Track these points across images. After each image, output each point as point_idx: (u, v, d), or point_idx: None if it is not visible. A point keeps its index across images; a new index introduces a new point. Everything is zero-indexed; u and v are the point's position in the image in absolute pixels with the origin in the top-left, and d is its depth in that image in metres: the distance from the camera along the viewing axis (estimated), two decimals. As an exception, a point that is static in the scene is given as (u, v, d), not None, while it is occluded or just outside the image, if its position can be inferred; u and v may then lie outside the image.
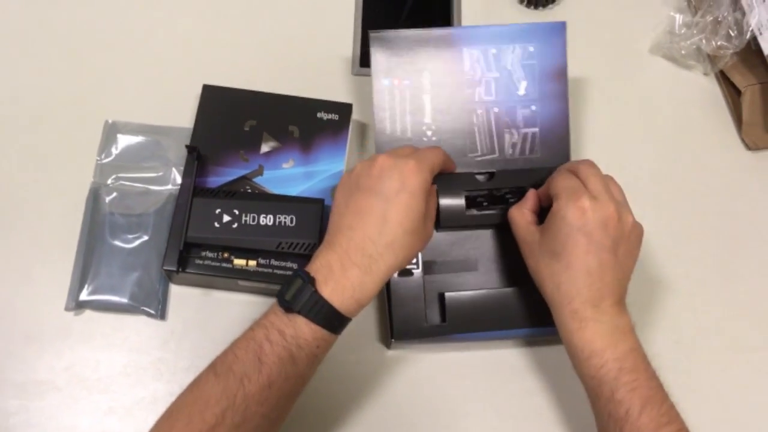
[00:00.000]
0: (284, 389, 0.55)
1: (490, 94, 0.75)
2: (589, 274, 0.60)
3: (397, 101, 0.74)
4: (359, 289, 0.56)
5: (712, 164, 0.86)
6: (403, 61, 0.73)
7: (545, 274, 0.62)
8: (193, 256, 0.71)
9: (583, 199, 0.61)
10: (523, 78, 0.75)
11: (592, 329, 0.59)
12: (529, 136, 0.76)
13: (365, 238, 0.57)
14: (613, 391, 0.57)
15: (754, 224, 0.83)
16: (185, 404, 0.54)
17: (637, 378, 0.58)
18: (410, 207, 0.58)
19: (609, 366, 0.58)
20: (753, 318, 0.78)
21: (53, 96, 0.82)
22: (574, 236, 0.60)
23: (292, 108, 0.78)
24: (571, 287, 0.60)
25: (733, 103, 0.88)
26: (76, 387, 0.70)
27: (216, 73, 0.81)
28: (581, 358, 0.59)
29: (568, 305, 0.60)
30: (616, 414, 0.57)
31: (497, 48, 0.75)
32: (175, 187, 0.76)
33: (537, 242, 0.63)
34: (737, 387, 0.75)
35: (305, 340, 0.55)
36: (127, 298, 0.72)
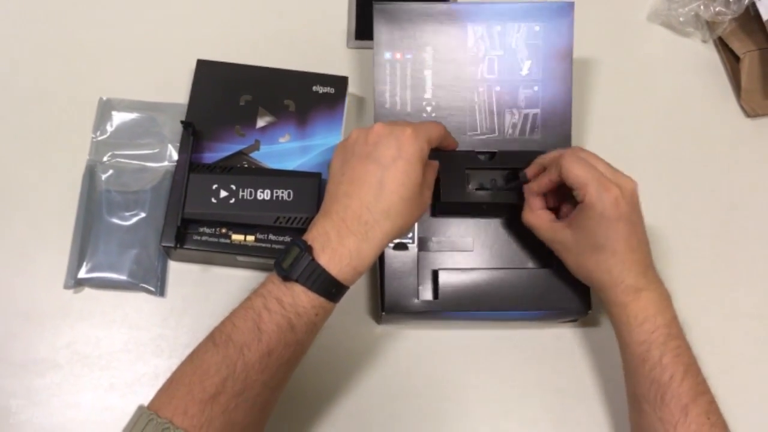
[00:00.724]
0: (284, 357, 0.55)
1: (492, 73, 0.74)
2: (634, 251, 0.62)
3: (398, 75, 0.73)
4: (356, 257, 0.56)
5: (711, 131, 0.85)
6: (407, 35, 0.72)
7: (591, 266, 0.63)
8: (190, 232, 0.71)
9: (612, 188, 0.61)
10: (527, 57, 0.74)
11: (646, 297, 0.61)
12: (530, 117, 0.75)
13: (361, 205, 0.57)
14: (662, 356, 0.59)
15: (753, 190, 0.83)
16: (185, 374, 0.54)
17: (680, 345, 0.61)
18: (407, 174, 0.58)
19: (660, 331, 0.60)
20: (753, 285, 0.78)
21: (46, 73, 0.82)
22: (615, 226, 0.61)
23: (288, 82, 0.77)
24: (621, 269, 0.62)
25: (731, 70, 0.87)
26: (77, 364, 0.70)
27: (210, 47, 0.80)
28: (634, 325, 0.61)
29: (621, 284, 0.62)
30: (660, 379, 0.59)
31: (502, 25, 0.74)
32: (172, 164, 0.76)
33: (572, 241, 0.64)
34: (736, 353, 0.75)
35: (303, 308, 0.55)
36: (125, 276, 0.72)
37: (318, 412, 0.70)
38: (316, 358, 0.68)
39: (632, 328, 0.61)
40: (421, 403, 0.71)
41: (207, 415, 0.52)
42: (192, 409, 0.52)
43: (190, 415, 0.51)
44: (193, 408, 0.52)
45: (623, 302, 0.62)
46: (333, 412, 0.70)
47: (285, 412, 0.66)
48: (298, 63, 0.78)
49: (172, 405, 0.52)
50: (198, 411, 0.52)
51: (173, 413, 0.51)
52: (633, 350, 0.61)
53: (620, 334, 0.63)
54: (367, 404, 0.71)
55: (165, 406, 0.52)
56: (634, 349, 0.61)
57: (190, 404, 0.52)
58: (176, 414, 0.51)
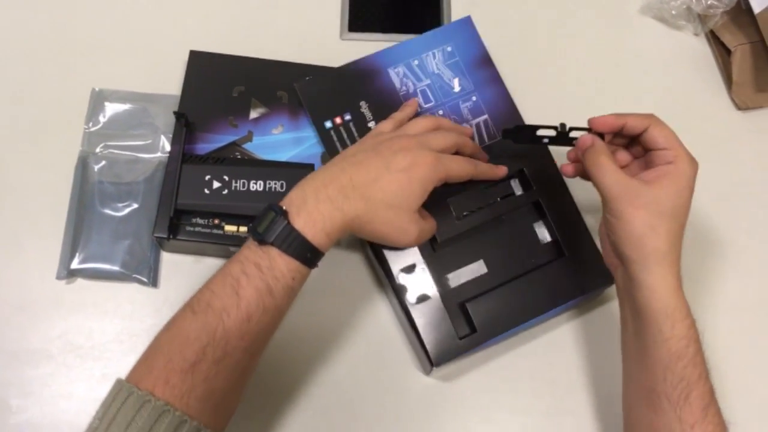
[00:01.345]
0: (263, 322, 0.55)
1: (429, 101, 0.76)
2: (683, 231, 0.60)
3: (345, 138, 0.73)
4: (329, 222, 0.56)
5: (702, 124, 0.85)
6: (337, 99, 0.74)
7: (664, 231, 0.57)
8: (183, 223, 0.71)
9: (695, 159, 0.61)
10: (453, 76, 0.77)
11: (682, 287, 0.59)
12: (482, 125, 0.76)
13: (350, 181, 0.58)
14: (696, 353, 0.57)
15: (743, 183, 0.83)
16: (164, 343, 0.54)
17: (699, 337, 0.59)
18: (402, 187, 0.59)
19: (694, 328, 0.58)
20: (742, 276, 0.79)
21: (39, 64, 0.81)
22: (689, 197, 0.60)
23: (281, 73, 0.77)
24: (679, 248, 0.59)
25: (723, 63, 0.87)
26: (69, 355, 0.70)
27: (203, 38, 0.80)
28: (678, 318, 0.57)
29: (677, 262, 0.58)
30: (691, 377, 0.56)
31: (418, 59, 0.77)
32: (164, 155, 0.76)
33: (650, 198, 0.58)
34: (725, 344, 0.75)
35: (280, 272, 0.55)
36: (118, 266, 0.72)
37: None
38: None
39: (676, 322, 0.57)
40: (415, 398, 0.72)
41: (188, 383, 0.51)
42: (173, 378, 0.51)
43: (171, 385, 0.51)
44: (174, 377, 0.51)
45: (673, 287, 0.57)
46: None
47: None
48: (291, 54, 0.78)
49: (153, 375, 0.52)
50: (179, 380, 0.51)
51: (154, 384, 0.51)
52: (671, 345, 0.57)
53: (658, 327, 0.57)
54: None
55: (145, 378, 0.52)
56: (672, 344, 0.57)
57: (171, 374, 0.51)
58: (157, 384, 0.51)
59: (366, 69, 0.75)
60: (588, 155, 0.62)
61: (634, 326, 0.60)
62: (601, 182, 0.60)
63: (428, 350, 0.67)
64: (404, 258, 0.69)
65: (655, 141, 0.61)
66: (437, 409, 0.71)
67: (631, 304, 0.60)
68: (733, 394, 0.64)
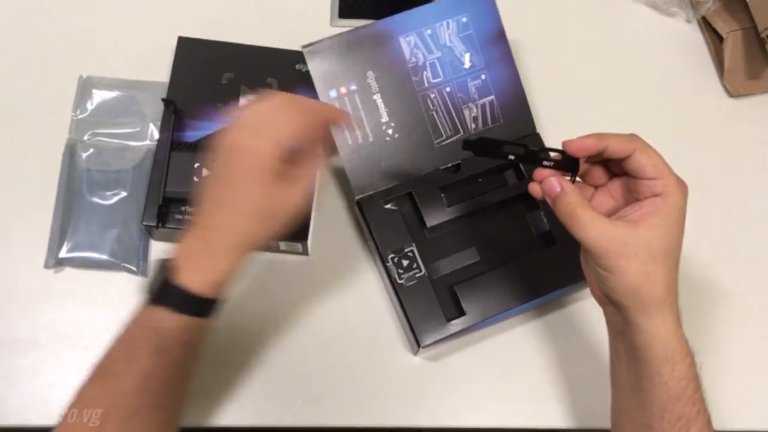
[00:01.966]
0: (164, 378, 0.54)
1: (437, 76, 0.74)
2: (678, 266, 0.55)
3: (349, 109, 0.71)
4: (215, 272, 0.55)
5: (694, 111, 0.85)
6: (344, 68, 0.71)
7: (660, 276, 0.52)
8: (172, 211, 0.70)
9: (685, 185, 0.55)
10: (464, 50, 0.74)
11: (681, 325, 0.54)
12: (487, 106, 0.75)
13: (214, 222, 0.55)
14: (695, 390, 0.54)
15: (735, 170, 0.83)
16: (73, 415, 0.54)
17: (699, 374, 0.55)
18: (248, 192, 0.55)
19: (693, 364, 0.54)
20: (734, 264, 0.79)
21: (25, 51, 0.81)
22: (683, 230, 0.54)
23: (270, 60, 0.77)
24: (676, 286, 0.54)
25: (715, 50, 0.87)
26: (58, 345, 0.70)
27: (192, 24, 0.79)
28: (678, 359, 0.53)
29: (675, 302, 0.53)
30: (689, 414, 0.53)
31: (431, 28, 0.73)
32: (153, 143, 0.75)
33: (641, 243, 0.52)
34: (718, 331, 0.76)
35: (169, 329, 0.54)
36: (107, 255, 0.71)
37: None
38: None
39: (676, 364, 0.53)
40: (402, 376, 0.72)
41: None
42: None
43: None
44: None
45: (673, 329, 0.53)
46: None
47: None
48: (281, 41, 0.78)
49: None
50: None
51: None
52: (670, 388, 0.53)
53: (658, 371, 0.53)
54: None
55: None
56: (672, 386, 0.53)
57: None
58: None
59: (377, 35, 0.72)
60: (559, 206, 0.54)
61: (628, 364, 0.56)
62: (583, 238, 0.53)
63: (415, 330, 0.68)
64: (395, 241, 0.70)
65: (643, 170, 0.54)
66: (423, 388, 0.71)
67: (627, 343, 0.55)
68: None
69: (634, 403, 0.56)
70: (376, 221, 0.70)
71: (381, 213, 0.71)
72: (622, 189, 0.57)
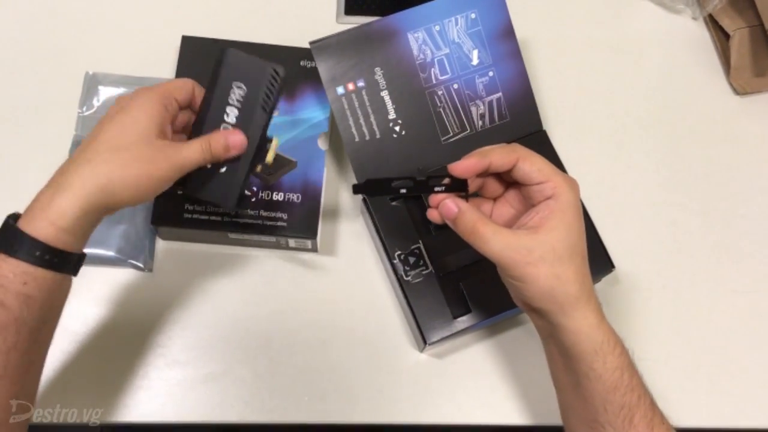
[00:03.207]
0: (7, 341, 0.49)
1: (445, 72, 0.73)
2: (587, 259, 0.56)
3: (357, 106, 0.71)
4: (53, 211, 0.51)
5: (701, 109, 0.85)
6: (352, 64, 0.71)
7: (570, 275, 0.53)
8: (181, 210, 0.70)
9: (573, 180, 0.56)
10: (473, 47, 0.74)
11: (605, 318, 0.55)
12: (494, 103, 0.75)
13: (72, 159, 0.54)
14: (631, 377, 0.54)
15: (741, 168, 0.83)
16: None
17: (633, 360, 0.56)
18: (123, 123, 0.53)
19: (624, 352, 0.55)
20: (739, 261, 0.79)
21: (31, 48, 0.81)
22: (582, 222, 0.55)
23: (276, 57, 0.76)
24: (590, 280, 0.55)
25: (721, 48, 0.87)
26: (65, 341, 0.70)
27: (197, 21, 0.80)
28: (607, 351, 0.54)
29: (592, 297, 0.55)
30: (630, 402, 0.54)
31: (440, 24, 0.73)
32: (159, 139, 0.75)
33: (546, 248, 0.53)
34: (723, 329, 0.76)
35: (6, 278, 0.49)
36: (113, 252, 0.71)
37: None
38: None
39: (606, 355, 0.53)
40: (409, 373, 0.72)
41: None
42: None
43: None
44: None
45: (596, 323, 0.54)
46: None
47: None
48: (286, 38, 0.78)
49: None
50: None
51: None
52: (606, 379, 0.54)
53: (590, 365, 0.54)
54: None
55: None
56: (607, 378, 0.54)
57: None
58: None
59: (385, 31, 0.71)
60: (460, 226, 0.56)
61: (563, 363, 0.57)
62: (488, 253, 0.54)
63: (422, 327, 0.68)
64: (402, 238, 0.70)
65: (529, 176, 0.55)
66: (430, 385, 0.71)
67: (557, 344, 0.56)
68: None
69: (576, 401, 0.57)
70: (383, 218, 0.70)
71: (388, 210, 0.71)
72: (518, 197, 0.59)
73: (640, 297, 0.76)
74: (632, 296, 0.76)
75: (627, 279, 0.76)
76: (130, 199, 0.54)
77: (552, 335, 0.56)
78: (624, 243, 0.77)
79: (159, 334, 0.70)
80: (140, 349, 0.70)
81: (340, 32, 0.70)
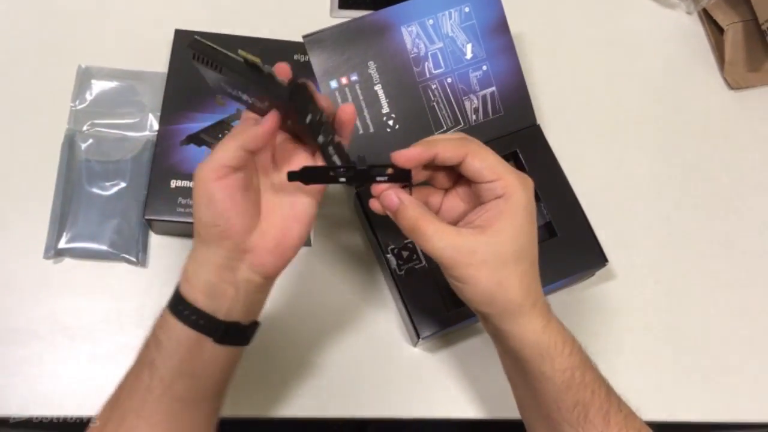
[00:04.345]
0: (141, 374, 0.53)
1: (439, 66, 0.73)
2: (536, 263, 0.54)
3: (350, 100, 0.71)
4: (184, 271, 0.53)
5: (695, 104, 0.85)
6: (345, 58, 0.70)
7: (514, 281, 0.51)
8: (173, 204, 0.70)
9: (527, 179, 0.52)
10: (466, 41, 0.74)
11: (555, 319, 0.53)
12: (488, 97, 0.74)
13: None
14: (583, 375, 0.53)
15: (736, 163, 0.83)
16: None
17: (583, 348, 0.55)
18: (197, 200, 0.51)
19: (575, 348, 0.53)
20: (733, 256, 0.79)
21: (23, 41, 0.80)
22: (534, 226, 0.52)
23: (269, 51, 0.76)
24: (537, 283, 0.53)
25: (715, 42, 0.87)
26: (58, 335, 0.70)
27: (191, 15, 0.79)
28: (555, 354, 0.52)
29: (537, 302, 0.52)
30: (584, 398, 0.52)
31: (434, 18, 0.72)
32: (152, 133, 0.75)
33: (489, 250, 0.50)
34: (716, 323, 0.76)
35: (158, 326, 0.54)
36: (106, 246, 0.71)
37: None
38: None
39: (554, 358, 0.52)
40: (401, 367, 0.72)
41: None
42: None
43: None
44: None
45: (540, 328, 0.52)
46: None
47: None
48: (280, 32, 0.78)
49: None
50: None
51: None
52: (555, 380, 0.52)
53: (538, 368, 0.52)
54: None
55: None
56: (557, 378, 0.52)
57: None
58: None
59: (379, 24, 0.71)
60: (400, 219, 0.53)
61: (513, 363, 0.56)
62: (429, 251, 0.51)
63: (415, 322, 0.68)
64: (395, 232, 0.69)
65: (478, 174, 0.52)
66: (423, 379, 0.71)
67: (503, 346, 0.55)
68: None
69: (529, 398, 0.56)
70: (376, 213, 0.70)
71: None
72: (469, 192, 0.56)
73: (633, 291, 0.76)
74: (626, 290, 0.76)
75: (620, 273, 0.76)
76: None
77: (497, 337, 0.55)
78: (618, 237, 0.77)
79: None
80: (133, 344, 0.70)
81: (334, 26, 0.70)
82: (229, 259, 0.52)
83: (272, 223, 0.53)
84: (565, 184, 0.73)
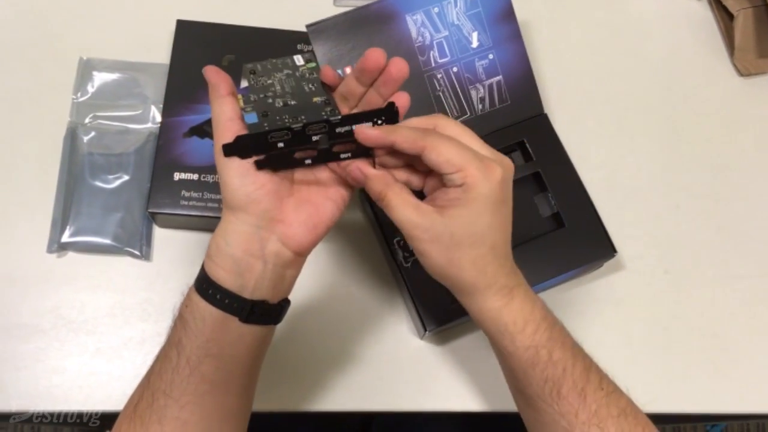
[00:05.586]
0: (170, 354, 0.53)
1: (444, 55, 0.72)
2: (507, 243, 0.55)
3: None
4: (209, 248, 0.54)
5: (704, 91, 0.84)
6: (349, 47, 0.69)
7: (463, 264, 0.53)
8: (177, 197, 0.70)
9: (495, 168, 0.52)
10: (472, 29, 0.72)
11: (519, 297, 0.54)
12: (494, 86, 0.73)
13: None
14: (551, 353, 0.54)
15: (745, 150, 0.82)
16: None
17: (560, 329, 0.56)
18: (226, 164, 0.51)
19: (542, 327, 0.54)
20: (742, 245, 0.78)
21: (26, 33, 0.80)
22: (499, 212, 0.53)
23: (272, 41, 0.76)
24: (497, 266, 0.54)
25: (725, 28, 0.86)
26: (62, 329, 0.69)
27: (192, 6, 0.78)
28: (515, 332, 0.54)
29: (495, 285, 0.54)
30: (554, 376, 0.53)
31: (439, 6, 0.71)
32: (155, 125, 0.75)
33: (444, 231, 0.52)
34: (725, 314, 0.75)
35: (184, 304, 0.54)
36: (110, 239, 0.71)
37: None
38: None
39: (514, 335, 0.54)
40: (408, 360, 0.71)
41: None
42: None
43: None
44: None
45: (497, 307, 0.54)
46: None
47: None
48: (283, 22, 0.77)
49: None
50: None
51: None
52: (519, 357, 0.54)
53: (500, 344, 0.55)
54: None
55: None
56: (520, 355, 0.54)
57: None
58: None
59: (383, 13, 0.70)
60: (370, 189, 0.54)
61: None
62: (394, 221, 0.53)
63: (421, 314, 0.67)
64: None
65: (436, 167, 0.52)
66: (430, 372, 0.71)
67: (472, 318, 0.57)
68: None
69: (506, 374, 0.58)
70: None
71: None
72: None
73: (642, 281, 0.75)
74: (634, 281, 0.75)
75: (629, 263, 0.76)
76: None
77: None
78: (626, 227, 0.76)
79: (157, 323, 0.70)
80: (138, 338, 0.70)
81: (337, 15, 0.69)
82: (258, 228, 0.52)
83: (305, 198, 0.54)
84: (573, 173, 0.72)
